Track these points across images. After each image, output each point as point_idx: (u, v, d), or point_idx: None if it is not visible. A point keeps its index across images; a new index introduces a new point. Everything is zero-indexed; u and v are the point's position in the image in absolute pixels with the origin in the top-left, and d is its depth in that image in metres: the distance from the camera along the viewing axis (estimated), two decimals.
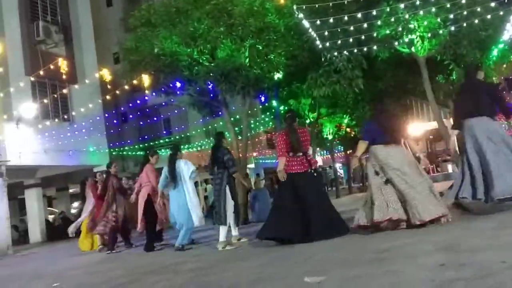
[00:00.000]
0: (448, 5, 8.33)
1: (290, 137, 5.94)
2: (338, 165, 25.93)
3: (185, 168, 7.25)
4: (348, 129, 18.80)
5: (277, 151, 6.05)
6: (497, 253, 3.39)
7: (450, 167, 17.58)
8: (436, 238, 4.43)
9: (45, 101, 15.19)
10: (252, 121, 21.65)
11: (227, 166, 6.76)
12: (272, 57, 10.11)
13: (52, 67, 12.67)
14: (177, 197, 7.22)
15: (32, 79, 14.43)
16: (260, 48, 10.01)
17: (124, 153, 21.92)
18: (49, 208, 22.18)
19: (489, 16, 8.50)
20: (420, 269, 3.30)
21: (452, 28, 8.58)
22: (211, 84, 10.81)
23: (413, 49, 9.09)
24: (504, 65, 11.51)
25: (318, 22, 8.78)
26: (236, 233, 7.03)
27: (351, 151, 25.66)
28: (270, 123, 21.56)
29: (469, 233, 4.47)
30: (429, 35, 8.80)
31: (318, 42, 9.18)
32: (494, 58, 10.11)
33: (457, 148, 10.56)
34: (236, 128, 12.73)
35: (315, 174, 5.96)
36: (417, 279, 3.03)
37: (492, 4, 8.67)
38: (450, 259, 3.44)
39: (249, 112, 11.87)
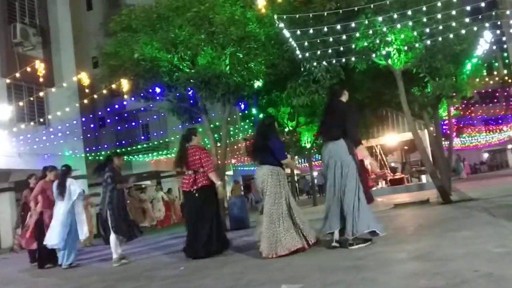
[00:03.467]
0: (425, 19, 8.53)
1: (177, 154, 6.33)
2: (315, 173, 26.06)
3: (72, 188, 7.48)
4: None
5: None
6: (470, 261, 3.50)
7: (424, 178, 17.93)
8: (410, 246, 4.54)
9: (21, 104, 14.91)
10: (231, 128, 21.68)
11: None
12: (252, 65, 10.17)
13: (29, 69, 12.45)
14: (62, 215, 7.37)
15: (8, 81, 14.14)
16: (241, 56, 10.06)
17: (101, 157, 21.59)
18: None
19: (463, 31, 8.75)
20: (395, 277, 3.38)
21: (428, 42, 8.80)
22: (191, 91, 10.80)
23: (389, 61, 9.28)
24: (477, 79, 11.83)
25: (298, 32, 8.89)
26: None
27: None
28: (250, 130, 21.61)
29: (443, 242, 4.59)
30: (406, 48, 9.00)
31: (298, 52, 9.29)
32: (468, 72, 10.38)
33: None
34: (216, 135, 12.73)
35: (196, 195, 6.09)
36: (392, 287, 3.10)
37: (467, 20, 8.93)
38: (424, 268, 3.53)
39: (229, 119, 11.87)
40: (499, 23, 10.85)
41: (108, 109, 21.59)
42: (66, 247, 7.34)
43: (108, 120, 25.20)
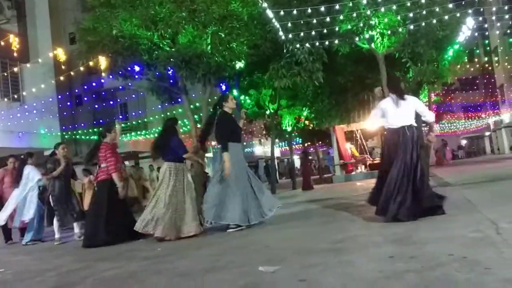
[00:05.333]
0: (408, 4, 8.52)
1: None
2: (295, 157, 26.23)
3: (30, 175, 8.22)
4: (307, 122, 19.00)
5: None
6: (445, 246, 3.52)
7: None
8: (387, 231, 4.56)
9: None
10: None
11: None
12: (234, 45, 10.02)
13: (2, 43, 12.02)
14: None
15: None
16: (223, 35, 9.89)
17: (78, 137, 21.23)
18: None
19: (446, 17, 8.78)
20: (372, 260, 3.38)
21: (411, 27, 8.80)
22: (171, 70, 10.59)
23: (373, 45, 9.26)
24: (458, 66, 11.93)
25: (282, 13, 8.78)
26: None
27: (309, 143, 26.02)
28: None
29: (419, 227, 4.62)
30: (389, 32, 8.99)
31: (281, 33, 9.19)
32: (450, 58, 10.45)
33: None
34: (196, 116, 12.57)
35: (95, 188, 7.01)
36: (368, 269, 3.11)
37: (450, 6, 8.94)
38: (400, 251, 3.54)
39: (209, 100, 11.70)
40: (481, 10, 10.91)
41: (85, 87, 21.18)
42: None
43: (85, 98, 24.72)
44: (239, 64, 10.70)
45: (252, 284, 3.11)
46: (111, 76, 10.87)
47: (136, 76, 11.06)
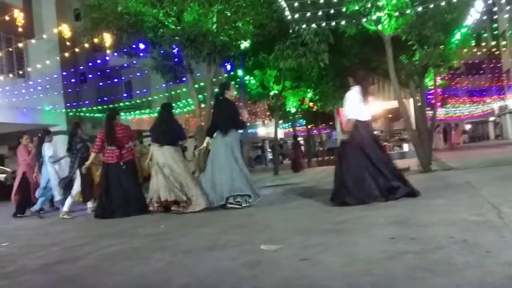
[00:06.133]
0: None
1: (106, 132, 7.29)
2: (299, 139, 26.18)
3: (46, 152, 8.67)
4: (311, 104, 18.92)
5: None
6: (446, 229, 3.55)
7: (406, 146, 18.14)
8: (389, 212, 4.59)
9: None
10: (216, 90, 21.40)
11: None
12: (240, 24, 9.93)
13: (7, 18, 11.93)
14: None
15: None
16: (229, 14, 9.79)
17: (82, 114, 21.24)
18: (0, 167, 21.36)
19: (455, 0, 8.63)
20: (373, 241, 3.41)
21: (420, 9, 8.66)
22: (176, 48, 10.53)
23: (380, 27, 9.14)
24: (465, 50, 11.79)
25: None
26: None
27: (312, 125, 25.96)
28: (235, 92, 21.36)
29: (420, 210, 4.65)
30: (397, 14, 8.85)
31: (287, 13, 9.08)
32: (457, 41, 10.33)
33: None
34: (200, 96, 12.53)
35: (123, 167, 7.22)
36: (369, 250, 3.13)
37: None
38: (400, 233, 3.57)
39: (214, 80, 11.67)
40: None
41: (90, 64, 21.07)
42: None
43: (90, 76, 24.65)
44: (245, 44, 10.61)
45: (254, 262, 3.15)
46: (115, 54, 10.82)
47: (141, 54, 11.00)
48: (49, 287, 3.13)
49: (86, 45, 10.77)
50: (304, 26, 9.34)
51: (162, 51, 10.74)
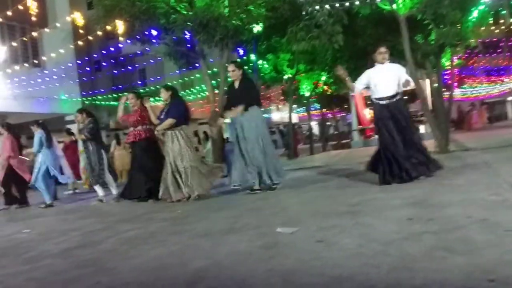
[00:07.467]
0: None
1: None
2: (313, 123, 26.01)
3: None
4: (325, 87, 18.74)
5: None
6: (464, 208, 3.51)
7: (422, 128, 17.89)
8: (405, 194, 4.56)
9: (14, 44, 14.54)
10: (229, 75, 21.35)
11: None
12: (252, 8, 9.83)
13: (21, 8, 12.01)
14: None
15: (0, 20, 13.71)
16: None
17: (97, 102, 21.43)
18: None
19: None
20: (389, 222, 3.40)
21: None
22: (189, 34, 10.50)
23: (394, 6, 8.96)
24: (483, 28, 11.50)
25: None
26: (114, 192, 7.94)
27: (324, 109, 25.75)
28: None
29: (438, 190, 4.61)
30: None
31: None
32: (474, 20, 10.07)
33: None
34: (213, 82, 12.51)
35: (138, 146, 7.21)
36: (385, 231, 3.12)
37: None
38: (418, 214, 3.55)
39: (227, 65, 11.61)
40: None
41: (104, 52, 21.16)
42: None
43: (104, 64, 24.79)
44: (257, 28, 10.52)
45: (270, 244, 3.17)
46: (128, 41, 10.84)
47: (154, 41, 11.00)
48: (69, 270, 3.19)
49: (99, 33, 10.81)
50: (317, 7, 9.20)
51: (174, 37, 10.72)
